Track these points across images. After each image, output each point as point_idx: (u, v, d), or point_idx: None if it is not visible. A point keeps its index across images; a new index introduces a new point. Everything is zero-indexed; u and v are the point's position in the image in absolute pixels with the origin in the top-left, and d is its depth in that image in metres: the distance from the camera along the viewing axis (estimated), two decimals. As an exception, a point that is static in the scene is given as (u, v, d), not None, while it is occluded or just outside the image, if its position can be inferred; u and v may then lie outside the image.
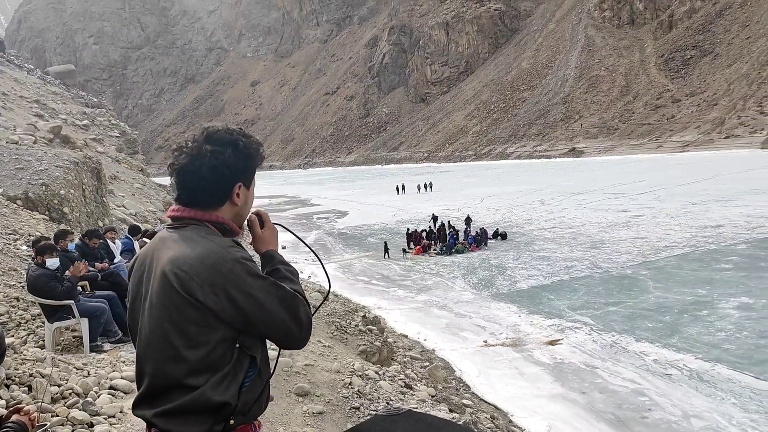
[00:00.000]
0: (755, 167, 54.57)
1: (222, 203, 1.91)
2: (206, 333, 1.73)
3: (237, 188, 1.91)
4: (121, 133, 30.57)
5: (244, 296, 1.73)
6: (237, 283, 1.72)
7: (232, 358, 1.77)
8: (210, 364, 1.74)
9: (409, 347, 14.22)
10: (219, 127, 1.96)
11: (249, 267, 1.76)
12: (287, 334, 1.81)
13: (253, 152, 1.94)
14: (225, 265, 1.72)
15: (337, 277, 24.42)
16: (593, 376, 12.07)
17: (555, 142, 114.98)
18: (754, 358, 12.18)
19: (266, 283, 1.78)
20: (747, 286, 17.42)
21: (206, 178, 1.86)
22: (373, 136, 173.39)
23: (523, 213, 38.16)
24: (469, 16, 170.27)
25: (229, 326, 1.75)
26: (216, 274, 1.71)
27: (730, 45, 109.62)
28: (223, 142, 1.89)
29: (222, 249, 1.76)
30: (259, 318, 1.76)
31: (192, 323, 1.73)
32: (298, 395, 6.99)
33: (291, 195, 74.95)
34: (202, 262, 1.73)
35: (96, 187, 14.43)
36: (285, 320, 1.78)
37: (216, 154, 1.86)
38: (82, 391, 5.22)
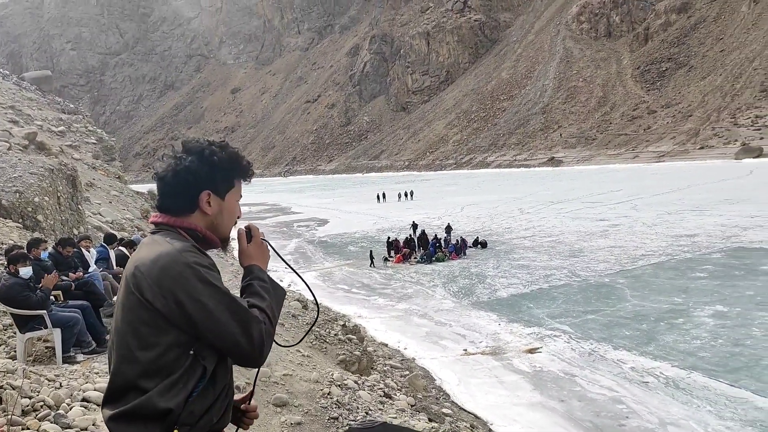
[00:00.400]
0: (729, 177, 55.54)
1: (191, 210, 1.93)
2: (156, 335, 1.73)
3: (206, 196, 1.92)
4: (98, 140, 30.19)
5: (192, 301, 1.71)
6: (185, 288, 1.71)
7: (184, 365, 1.75)
8: (161, 368, 1.74)
9: (389, 356, 14.17)
10: (198, 139, 2.02)
11: (200, 273, 1.74)
12: (236, 347, 1.76)
13: (219, 161, 1.93)
14: (175, 268, 1.73)
15: (317, 285, 24.29)
16: (572, 384, 12.12)
17: (534, 151, 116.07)
18: (729, 366, 12.33)
19: (217, 292, 1.75)
20: (721, 294, 17.66)
21: (170, 183, 1.91)
22: (353, 144, 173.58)
23: (503, 222, 38.38)
24: (449, 26, 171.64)
25: (180, 331, 1.74)
26: (165, 276, 1.72)
27: (705, 58, 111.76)
28: (191, 150, 1.93)
29: (176, 252, 1.76)
30: (206, 326, 1.73)
31: (144, 324, 1.74)
32: (276, 406, 6.92)
33: (271, 203, 74.60)
34: (155, 264, 1.74)
35: (71, 194, 14.21)
36: (234, 333, 1.74)
37: (180, 160, 1.91)
38: (53, 403, 5.10)
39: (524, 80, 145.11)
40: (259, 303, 1.84)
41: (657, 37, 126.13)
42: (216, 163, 1.93)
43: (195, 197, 1.92)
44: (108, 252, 10.17)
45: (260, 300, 1.86)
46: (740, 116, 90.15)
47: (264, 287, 1.91)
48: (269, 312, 1.84)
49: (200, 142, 1.98)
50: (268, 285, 1.92)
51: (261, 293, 1.88)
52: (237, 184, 2.02)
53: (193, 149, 1.94)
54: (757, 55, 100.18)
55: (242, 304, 1.78)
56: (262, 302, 1.85)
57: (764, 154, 76.49)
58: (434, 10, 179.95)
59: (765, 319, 14.98)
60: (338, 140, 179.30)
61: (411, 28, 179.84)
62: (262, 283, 1.92)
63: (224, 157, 1.95)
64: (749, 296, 17.19)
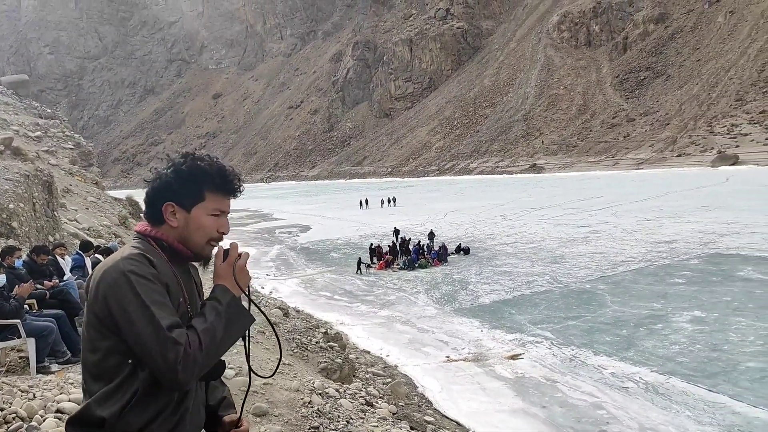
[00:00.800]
0: (706, 185, 56.34)
1: (160, 221, 1.94)
2: (99, 339, 1.76)
3: (168, 208, 1.92)
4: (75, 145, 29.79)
5: (119, 310, 1.72)
6: (116, 296, 1.72)
7: (123, 373, 1.75)
8: (103, 373, 1.76)
9: (372, 363, 14.11)
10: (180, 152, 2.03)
11: (133, 283, 1.72)
12: (153, 365, 1.71)
13: (183, 173, 1.91)
14: (112, 275, 1.75)
15: (298, 292, 24.17)
16: (553, 390, 12.16)
17: (516, 158, 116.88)
18: (707, 371, 12.45)
19: (142, 305, 1.72)
20: (699, 300, 17.87)
21: (146, 193, 1.96)
22: (336, 150, 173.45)
23: (486, 228, 38.53)
24: (432, 33, 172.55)
25: (120, 338, 1.74)
26: (103, 282, 1.75)
27: (682, 67, 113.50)
28: (170, 165, 1.95)
29: (119, 259, 1.78)
30: (130, 338, 1.72)
31: (90, 326, 1.79)
32: (256, 415, 6.82)
33: (253, 209, 74.18)
34: (100, 269, 1.80)
35: (47, 200, 13.98)
36: (152, 350, 1.69)
37: (161, 176, 1.94)
38: (26, 414, 4.99)
39: (506, 87, 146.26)
40: (196, 324, 1.79)
41: (635, 46, 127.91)
42: (181, 175, 1.92)
43: (158, 209, 1.93)
44: (84, 260, 10.00)
45: (201, 322, 1.80)
46: (716, 124, 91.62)
47: (215, 308, 1.83)
48: (205, 335, 1.76)
49: (179, 155, 1.98)
50: (222, 307, 1.84)
51: (206, 314, 1.82)
52: (211, 198, 1.96)
53: (172, 161, 1.96)
54: (733, 65, 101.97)
55: (162, 322, 1.71)
56: (201, 324, 1.79)
57: (740, 161, 77.78)
58: (417, 17, 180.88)
59: (742, 324, 15.17)
60: (321, 146, 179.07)
61: (394, 34, 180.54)
62: (215, 304, 1.85)
63: (187, 170, 1.93)
64: (726, 302, 17.41)
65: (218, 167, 1.98)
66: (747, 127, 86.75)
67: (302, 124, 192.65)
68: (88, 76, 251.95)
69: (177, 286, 1.90)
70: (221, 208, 2.00)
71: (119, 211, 24.01)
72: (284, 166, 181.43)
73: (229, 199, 2.03)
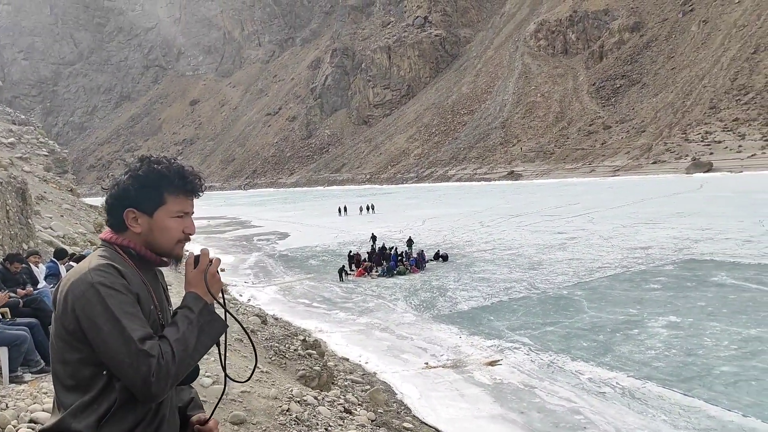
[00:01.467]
0: (680, 191, 57.28)
1: (123, 228, 1.93)
2: (68, 351, 1.74)
3: (130, 214, 1.90)
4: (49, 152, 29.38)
5: (89, 322, 1.69)
6: (85, 308, 1.70)
7: (98, 385, 1.72)
8: (77, 386, 1.73)
9: (350, 371, 14.08)
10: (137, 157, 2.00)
11: (102, 295, 1.70)
12: (126, 378, 1.70)
13: (140, 177, 1.90)
14: (80, 287, 1.72)
15: (277, 299, 24.04)
16: (531, 395, 12.23)
17: (494, 165, 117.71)
18: (682, 376, 12.63)
19: (112, 317, 1.69)
20: (674, 305, 18.12)
21: (107, 201, 1.96)
22: (315, 157, 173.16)
23: (464, 235, 38.70)
24: (410, 40, 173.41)
25: (93, 350, 1.72)
26: (71, 294, 1.73)
27: (657, 75, 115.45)
28: (127, 171, 1.95)
29: (87, 270, 1.76)
30: (101, 350, 1.69)
31: (59, 338, 1.76)
32: (234, 423, 6.77)
33: (231, 216, 73.69)
34: (68, 281, 1.77)
35: (20, 208, 13.76)
36: (124, 363, 1.67)
37: (118, 183, 1.93)
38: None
39: (484, 95, 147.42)
40: (169, 334, 1.76)
41: (611, 54, 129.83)
42: (139, 179, 1.90)
43: (119, 216, 1.92)
44: (58, 267, 9.86)
45: (173, 332, 1.77)
46: (691, 132, 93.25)
47: (187, 317, 1.81)
48: (177, 345, 1.74)
49: (136, 159, 1.97)
50: (194, 315, 1.82)
51: (177, 323, 1.80)
52: (172, 200, 1.94)
53: (129, 167, 1.95)
54: (707, 73, 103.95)
55: (134, 335, 1.69)
56: (174, 334, 1.76)
57: (714, 169, 79.23)
58: (395, 25, 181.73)
59: (716, 329, 15.42)
60: (299, 153, 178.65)
61: (372, 42, 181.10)
62: (187, 313, 1.83)
63: (144, 174, 1.91)
64: (701, 307, 17.68)
65: (176, 168, 1.95)
66: (720, 134, 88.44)
67: (280, 131, 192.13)
68: (63, 82, 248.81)
69: (147, 294, 1.88)
70: (184, 209, 1.98)
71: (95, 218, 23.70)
72: (262, 173, 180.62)
73: (191, 199, 2.01)
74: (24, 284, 8.30)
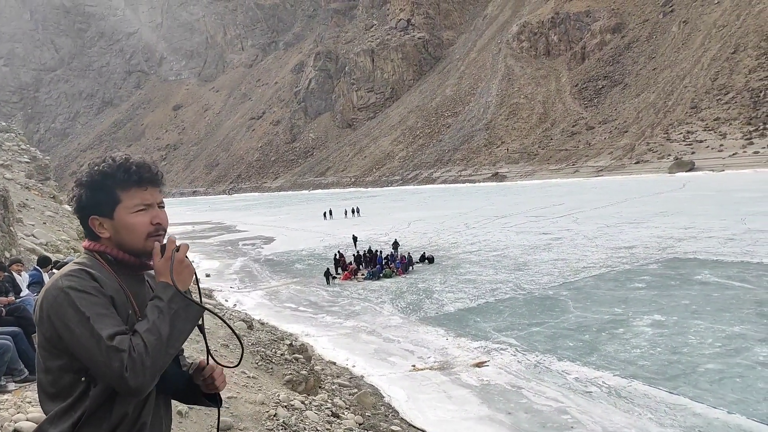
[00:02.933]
0: (663, 191, 57.84)
1: (96, 236, 1.95)
2: (49, 358, 1.76)
3: (94, 221, 1.92)
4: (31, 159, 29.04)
5: (64, 327, 1.71)
6: (58, 313, 1.72)
7: (77, 391, 1.75)
8: (59, 393, 1.76)
9: (338, 374, 14.05)
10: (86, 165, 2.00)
11: (72, 299, 1.72)
12: (105, 377, 1.71)
13: (87, 183, 1.91)
14: (52, 293, 1.75)
15: (263, 304, 23.94)
16: (518, 396, 12.28)
17: (479, 167, 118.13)
18: (668, 374, 12.74)
19: (82, 319, 1.71)
20: (659, 304, 18.28)
21: (77, 215, 1.97)
22: (299, 161, 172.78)
23: (450, 237, 38.78)
24: (393, 43, 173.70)
25: (72, 356, 1.74)
26: (45, 301, 1.75)
27: (638, 76, 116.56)
28: (78, 183, 1.95)
29: (58, 277, 1.78)
30: (79, 354, 1.72)
31: (41, 347, 1.79)
32: (221, 430, 6.72)
33: (216, 221, 73.29)
34: (45, 289, 1.79)
35: (2, 215, 13.59)
36: (100, 362, 1.68)
37: (75, 196, 1.95)
38: (-19, 436, 4.82)
39: (468, 97, 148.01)
40: (138, 327, 1.76)
41: (593, 55, 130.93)
42: (86, 186, 1.91)
43: (86, 224, 1.95)
44: (41, 275, 9.73)
45: (143, 324, 1.76)
46: (672, 132, 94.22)
47: (157, 307, 1.79)
48: (149, 336, 1.73)
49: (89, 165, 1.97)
50: (164, 303, 1.80)
51: (148, 315, 1.79)
52: (126, 196, 1.91)
53: (78, 181, 1.95)
54: (687, 74, 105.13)
55: (102, 333, 1.69)
56: (143, 326, 1.75)
57: (696, 168, 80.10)
58: (378, 28, 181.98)
59: (700, 327, 15.58)
60: (284, 157, 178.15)
61: (355, 45, 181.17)
62: (157, 302, 1.81)
63: (88, 179, 1.92)
64: (685, 305, 17.85)
65: (119, 163, 1.92)
66: (702, 134, 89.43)
67: (264, 135, 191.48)
68: (44, 88, 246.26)
69: (124, 299, 1.86)
70: (144, 201, 1.93)
71: (77, 225, 23.45)
72: (247, 177, 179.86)
73: (148, 189, 1.95)
74: (6, 293, 8.21)
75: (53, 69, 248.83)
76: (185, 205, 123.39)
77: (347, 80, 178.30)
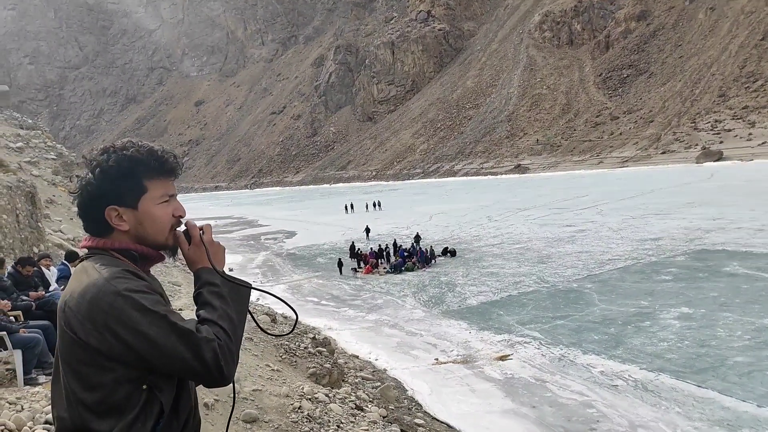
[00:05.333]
0: (691, 181, 56.92)
1: (107, 231, 1.75)
2: (98, 374, 1.58)
3: (112, 213, 1.73)
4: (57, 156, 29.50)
5: (132, 334, 1.55)
6: (121, 320, 1.55)
7: (139, 402, 1.59)
8: (113, 408, 1.58)
9: (361, 368, 14.08)
10: (97, 150, 1.78)
11: (134, 300, 1.57)
12: (192, 373, 1.59)
13: (112, 169, 1.72)
14: (104, 300, 1.57)
15: (286, 298, 24.02)
16: (543, 390, 12.19)
17: (501, 159, 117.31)
18: (696, 367, 12.55)
19: (156, 318, 1.57)
20: (686, 296, 18.01)
21: (80, 206, 1.77)
22: (320, 155, 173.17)
23: (472, 230, 38.61)
24: (413, 35, 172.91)
25: (127, 366, 1.58)
26: (95, 310, 1.56)
27: (664, 64, 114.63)
28: (93, 167, 1.74)
29: (104, 282, 1.60)
30: (154, 357, 1.57)
31: (83, 364, 1.59)
32: (246, 422, 6.78)
33: (238, 216, 73.86)
34: (83, 298, 1.59)
35: (30, 212, 13.82)
36: (186, 359, 1.56)
37: (88, 183, 1.73)
38: (15, 426, 4.93)
39: (489, 88, 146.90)
40: (209, 315, 1.66)
41: (617, 44, 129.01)
42: (111, 172, 1.72)
43: (101, 217, 1.73)
44: (69, 270, 9.88)
45: (210, 311, 1.67)
46: (700, 121, 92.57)
47: (214, 293, 1.71)
48: (223, 323, 1.65)
49: (102, 151, 1.76)
50: (219, 288, 1.72)
51: (211, 302, 1.69)
52: (152, 185, 1.77)
53: (91, 164, 1.75)
54: (715, 61, 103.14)
55: (186, 326, 1.59)
56: (212, 313, 1.66)
57: (724, 157, 78.64)
58: (398, 20, 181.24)
59: (729, 319, 15.31)
60: (305, 151, 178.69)
61: (375, 38, 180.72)
62: (212, 288, 1.72)
63: (116, 165, 1.72)
64: (713, 297, 17.57)
65: (148, 150, 1.77)
66: (730, 122, 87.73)
67: (285, 130, 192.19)
68: (69, 86, 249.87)
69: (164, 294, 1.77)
70: (168, 192, 1.81)
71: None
72: (268, 172, 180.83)
73: (171, 180, 1.82)
74: (36, 287, 8.37)
75: (77, 67, 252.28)
76: (208, 200, 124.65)
77: (367, 73, 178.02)
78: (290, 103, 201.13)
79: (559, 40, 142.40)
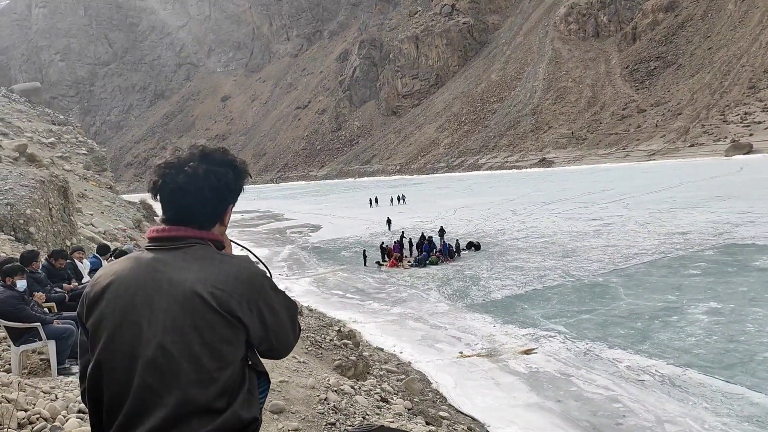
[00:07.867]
0: (719, 174, 55.88)
1: (216, 223, 1.87)
2: (235, 352, 1.71)
3: (230, 209, 1.89)
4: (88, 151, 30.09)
5: (270, 311, 1.76)
6: (265, 298, 1.75)
7: (246, 375, 1.75)
8: (230, 384, 1.70)
9: (385, 360, 14.17)
10: (212, 146, 1.91)
11: (271, 281, 1.81)
12: (287, 344, 1.85)
13: (245, 174, 1.92)
14: (257, 281, 1.74)
15: (311, 291, 24.28)
16: (568, 384, 12.14)
17: (525, 152, 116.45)
18: (724, 363, 12.39)
19: (281, 296, 1.82)
20: (715, 291, 17.75)
21: (207, 198, 1.81)
22: (345, 149, 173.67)
23: (496, 223, 38.45)
24: (438, 29, 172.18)
25: (247, 343, 1.76)
26: (251, 290, 1.72)
27: (693, 56, 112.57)
28: (223, 163, 1.85)
29: (250, 264, 1.78)
30: (275, 332, 1.79)
31: (226, 342, 1.68)
32: (273, 412, 6.90)
33: (264, 210, 74.47)
34: (237, 279, 1.71)
35: (63, 205, 14.16)
36: (288, 332, 1.83)
37: (218, 176, 1.81)
38: (50, 415, 5.07)
39: (514, 82, 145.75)
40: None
41: (645, 36, 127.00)
42: (238, 173, 1.87)
43: (223, 211, 1.87)
44: (101, 262, 10.12)
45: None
46: (729, 113, 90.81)
47: None
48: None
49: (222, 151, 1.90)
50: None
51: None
52: None
53: (224, 162, 1.86)
54: (745, 52, 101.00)
55: (293, 300, 1.87)
56: None
57: (754, 150, 77.07)
58: (422, 14, 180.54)
59: (758, 314, 15.07)
60: (329, 146, 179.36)
61: (400, 32, 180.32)
62: None
63: (242, 168, 1.90)
64: (742, 292, 17.29)
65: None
66: (760, 115, 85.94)
67: (310, 124, 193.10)
68: (99, 82, 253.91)
69: None
70: None
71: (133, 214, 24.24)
72: (293, 166, 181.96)
73: None
74: (69, 279, 8.58)
75: (107, 63, 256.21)
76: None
77: (392, 68, 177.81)
78: (315, 98, 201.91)
79: (585, 33, 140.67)
